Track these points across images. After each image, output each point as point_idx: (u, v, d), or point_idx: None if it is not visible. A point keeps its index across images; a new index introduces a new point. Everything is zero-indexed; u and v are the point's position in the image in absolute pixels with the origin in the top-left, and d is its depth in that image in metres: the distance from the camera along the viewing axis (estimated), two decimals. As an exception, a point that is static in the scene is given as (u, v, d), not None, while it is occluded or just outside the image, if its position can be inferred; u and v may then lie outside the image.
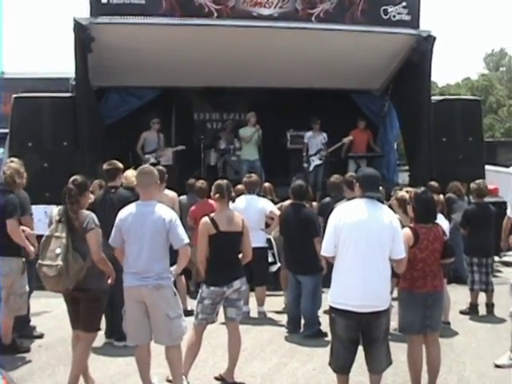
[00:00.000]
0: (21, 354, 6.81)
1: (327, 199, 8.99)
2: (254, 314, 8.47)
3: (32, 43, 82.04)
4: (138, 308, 5.41)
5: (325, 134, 13.18)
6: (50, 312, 8.56)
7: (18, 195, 6.95)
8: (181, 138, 14.14)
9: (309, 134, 13.28)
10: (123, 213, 5.51)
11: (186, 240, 5.48)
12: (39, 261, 5.48)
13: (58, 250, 5.35)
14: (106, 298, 5.82)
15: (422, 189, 5.95)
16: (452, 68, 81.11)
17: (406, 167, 14.14)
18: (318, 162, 13.17)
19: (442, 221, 6.66)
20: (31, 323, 7.53)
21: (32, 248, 6.86)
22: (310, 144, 13.22)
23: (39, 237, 7.32)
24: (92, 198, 6.78)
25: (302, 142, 13.39)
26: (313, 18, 11.48)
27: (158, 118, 12.86)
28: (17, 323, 7.00)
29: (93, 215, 5.62)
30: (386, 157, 14.21)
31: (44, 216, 9.61)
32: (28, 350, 6.98)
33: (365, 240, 4.96)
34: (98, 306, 5.66)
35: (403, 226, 5.69)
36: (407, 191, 7.24)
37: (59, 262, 5.31)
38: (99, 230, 5.56)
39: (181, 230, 5.47)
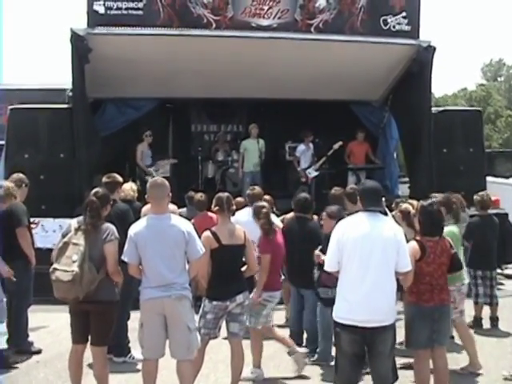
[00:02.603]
0: (19, 370, 6.75)
1: (328, 211, 8.91)
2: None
3: (28, 54, 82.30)
4: (158, 321, 5.38)
5: (312, 146, 13.35)
6: (47, 327, 8.51)
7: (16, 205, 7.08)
8: (178, 149, 14.19)
9: (302, 147, 13.37)
10: (136, 227, 5.47)
11: (202, 251, 5.52)
12: (53, 265, 5.46)
13: (75, 257, 5.35)
14: (116, 310, 5.80)
15: (429, 201, 5.92)
16: (449, 78, 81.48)
17: (406, 179, 14.12)
18: (315, 173, 13.20)
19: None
20: (29, 338, 7.46)
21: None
22: (303, 157, 13.34)
23: (37, 250, 7.42)
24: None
25: (294, 155, 13.51)
26: (312, 29, 11.52)
27: (150, 130, 12.81)
28: (15, 338, 6.96)
29: (113, 227, 5.64)
30: (387, 168, 14.20)
31: (41, 229, 9.57)
32: (15, 362, 6.93)
33: (369, 254, 4.93)
34: (109, 318, 5.64)
35: (407, 239, 5.66)
36: (410, 203, 7.25)
37: (75, 268, 5.30)
38: (117, 243, 5.56)
39: (198, 242, 5.52)
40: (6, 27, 54.80)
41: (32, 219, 7.80)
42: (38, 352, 7.38)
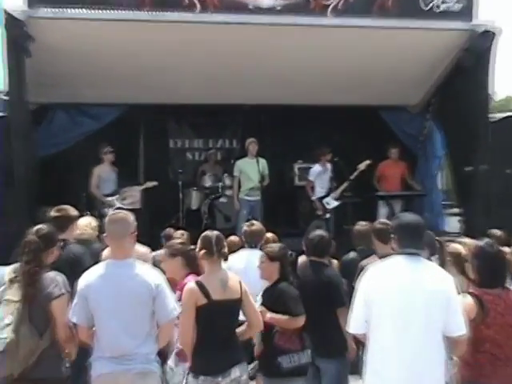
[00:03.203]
0: None
1: (351, 254, 8.87)
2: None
3: None
4: None
5: (330, 167, 13.36)
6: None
7: None
8: (151, 172, 14.19)
9: (316, 168, 13.35)
10: (88, 277, 5.41)
11: (176, 312, 5.49)
12: None
13: (9, 319, 5.28)
14: None
15: (486, 240, 5.88)
16: None
17: (456, 210, 14.09)
18: (335, 203, 13.14)
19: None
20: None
21: None
22: (318, 182, 13.35)
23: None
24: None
25: (307, 179, 13.53)
26: (328, 12, 11.54)
27: (109, 145, 12.81)
28: None
29: (62, 277, 5.56)
30: (427, 196, 14.20)
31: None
32: None
33: (407, 312, 4.91)
34: None
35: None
36: (462, 242, 7.19)
37: (9, 334, 5.24)
38: (67, 298, 5.48)
39: (171, 298, 5.50)
40: None
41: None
42: None
